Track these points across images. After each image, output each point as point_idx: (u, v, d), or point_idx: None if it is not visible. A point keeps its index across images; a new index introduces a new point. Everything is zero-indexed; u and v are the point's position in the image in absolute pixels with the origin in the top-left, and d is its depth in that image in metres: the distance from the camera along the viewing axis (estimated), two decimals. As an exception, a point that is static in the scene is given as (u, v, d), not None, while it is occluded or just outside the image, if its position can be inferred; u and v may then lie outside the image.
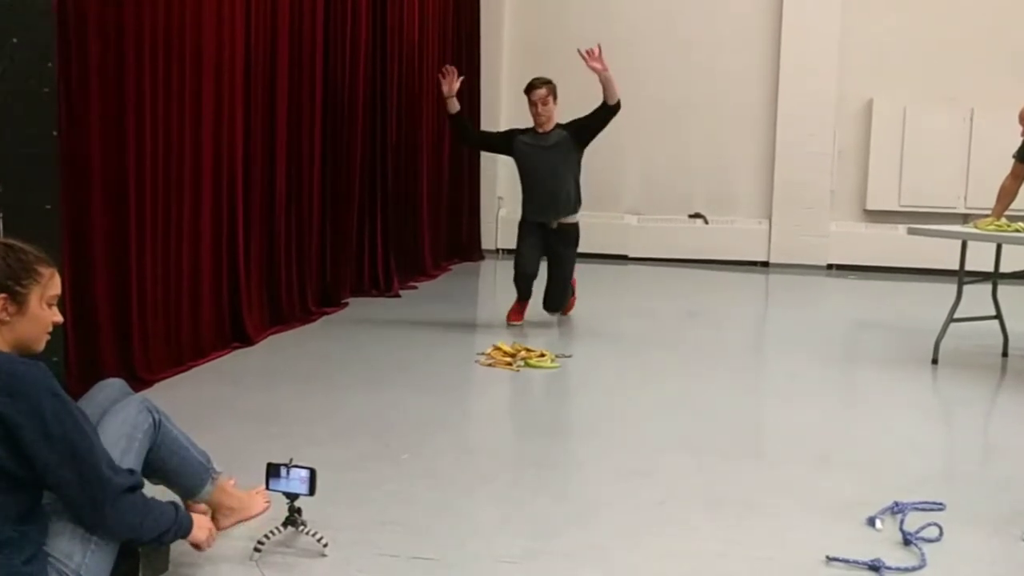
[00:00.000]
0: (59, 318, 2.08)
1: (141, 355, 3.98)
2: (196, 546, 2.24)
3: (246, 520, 2.60)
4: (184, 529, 2.16)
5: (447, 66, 5.50)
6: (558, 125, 5.29)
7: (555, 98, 5.26)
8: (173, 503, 2.17)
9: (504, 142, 5.49)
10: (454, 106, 5.41)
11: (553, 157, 5.25)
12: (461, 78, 5.47)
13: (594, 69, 5.06)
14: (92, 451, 1.95)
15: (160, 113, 4.12)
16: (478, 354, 4.66)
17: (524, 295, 5.45)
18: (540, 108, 5.23)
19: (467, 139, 5.83)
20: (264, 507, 2.66)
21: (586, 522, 2.69)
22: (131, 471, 2.09)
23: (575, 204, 5.37)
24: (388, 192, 6.66)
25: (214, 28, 4.53)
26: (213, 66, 4.54)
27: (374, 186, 6.52)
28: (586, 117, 5.23)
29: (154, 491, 2.34)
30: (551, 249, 5.42)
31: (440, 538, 2.54)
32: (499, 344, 4.72)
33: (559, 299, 5.42)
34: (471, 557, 2.44)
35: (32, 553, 1.92)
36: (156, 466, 2.34)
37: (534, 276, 5.39)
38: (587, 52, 5.07)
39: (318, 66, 5.63)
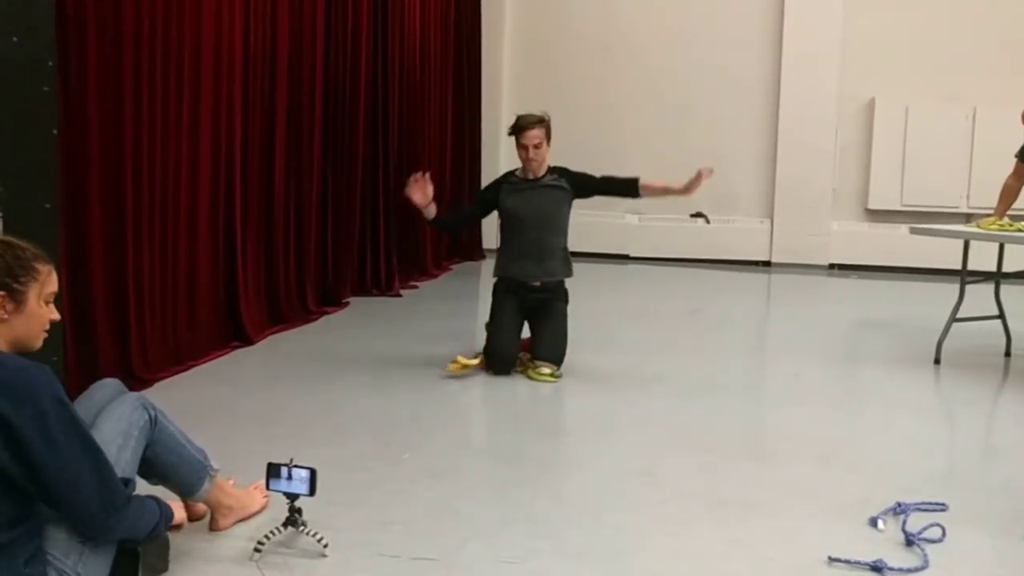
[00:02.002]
0: (56, 316, 2.05)
1: (140, 355, 3.98)
2: (178, 526, 2.27)
3: (246, 519, 2.59)
4: (168, 518, 2.16)
5: (416, 176, 4.44)
6: (553, 169, 4.47)
7: (549, 139, 4.42)
8: (152, 496, 2.15)
9: (492, 197, 4.56)
10: (431, 212, 4.45)
11: (544, 202, 4.40)
12: (429, 181, 4.45)
13: (688, 192, 4.37)
14: (101, 461, 1.93)
15: (158, 111, 4.12)
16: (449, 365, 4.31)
17: (499, 372, 4.37)
18: (532, 153, 4.35)
19: (457, 229, 4.84)
20: (263, 503, 2.65)
21: (587, 522, 2.68)
22: (125, 480, 2.07)
23: (564, 264, 4.48)
24: (389, 191, 6.66)
25: (213, 26, 4.52)
26: (212, 64, 4.53)
27: (375, 185, 6.51)
28: (597, 181, 4.47)
29: (149, 491, 2.33)
30: (534, 308, 4.46)
31: (440, 538, 2.53)
32: (460, 359, 4.29)
33: (558, 344, 4.37)
34: (472, 557, 2.43)
35: (32, 554, 1.91)
36: (153, 463, 2.32)
37: (513, 360, 4.38)
38: (704, 174, 4.36)
39: (318, 63, 5.63)
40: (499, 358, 4.32)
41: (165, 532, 2.18)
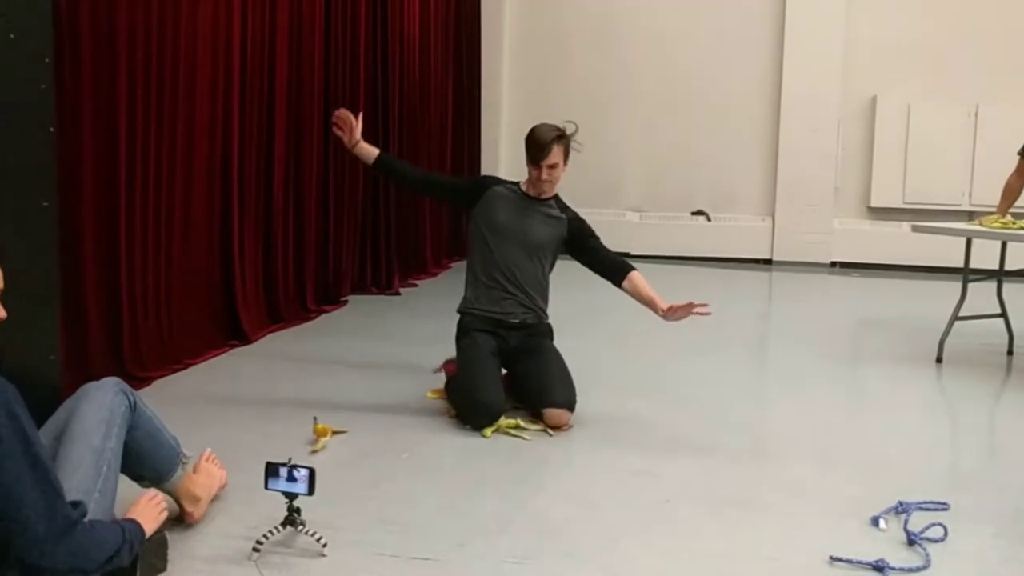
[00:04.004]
0: (3, 314, 1.94)
1: (133, 353, 3.96)
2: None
3: (214, 498, 2.60)
4: (137, 541, 2.03)
5: (338, 112, 3.82)
6: (560, 200, 3.85)
7: (568, 156, 3.72)
8: (117, 521, 2.05)
9: (468, 189, 3.91)
10: (368, 152, 3.79)
11: (537, 228, 3.75)
12: (359, 116, 3.80)
13: (668, 316, 3.62)
14: (48, 482, 1.81)
15: (153, 107, 4.09)
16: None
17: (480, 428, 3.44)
18: (546, 174, 3.67)
19: (406, 181, 4.07)
20: (222, 475, 2.65)
21: (588, 522, 2.67)
22: (75, 503, 1.92)
23: (542, 308, 3.83)
24: (389, 188, 6.65)
25: (210, 23, 4.50)
26: (209, 58, 4.51)
27: (376, 183, 6.50)
28: (592, 246, 3.86)
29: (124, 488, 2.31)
30: (517, 351, 3.73)
31: (440, 538, 2.52)
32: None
33: (569, 384, 3.59)
34: (472, 557, 2.42)
35: None
36: (131, 448, 2.28)
37: (501, 413, 3.48)
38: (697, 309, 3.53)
39: (317, 58, 5.61)
40: (485, 412, 3.43)
41: (125, 562, 2.01)
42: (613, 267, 3.81)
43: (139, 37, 3.97)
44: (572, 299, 4.62)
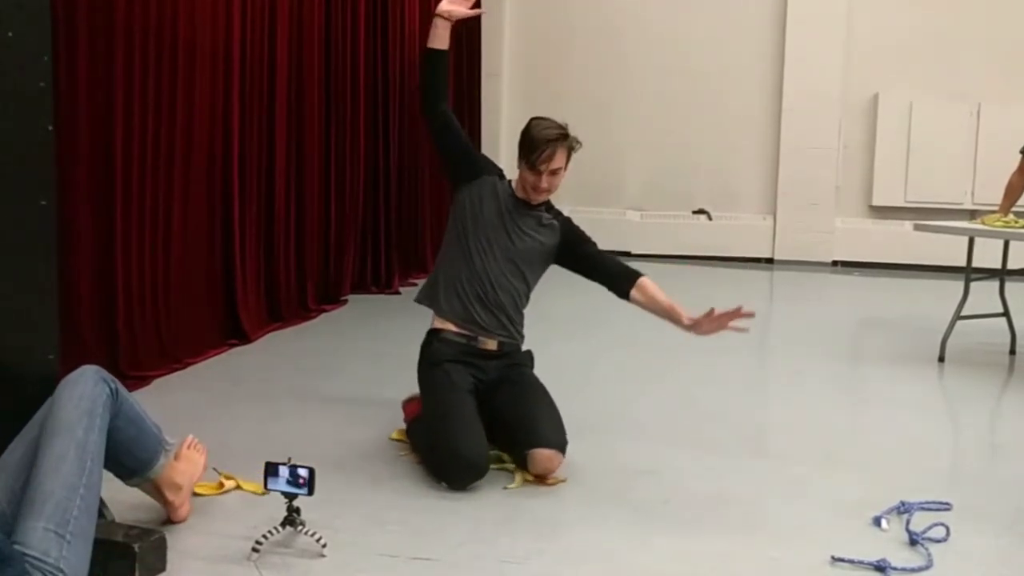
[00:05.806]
0: None
1: (134, 353, 3.95)
2: None
3: (196, 484, 2.59)
4: None
5: None
6: (551, 207, 3.33)
7: (569, 159, 3.20)
8: None
9: (472, 163, 3.30)
10: (441, 37, 3.26)
11: (527, 240, 3.22)
12: (481, 12, 3.40)
13: (697, 329, 3.35)
14: None
15: (150, 105, 4.08)
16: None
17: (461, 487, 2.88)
18: (545, 181, 3.15)
19: (431, 96, 3.24)
20: (202, 460, 2.62)
21: (589, 522, 2.66)
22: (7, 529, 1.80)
23: (518, 327, 3.27)
24: (390, 187, 6.65)
25: (209, 19, 4.49)
26: (208, 57, 4.49)
27: (376, 181, 6.50)
28: (591, 255, 3.31)
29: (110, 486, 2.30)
30: (494, 384, 3.19)
31: (440, 538, 2.51)
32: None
33: (558, 422, 3.05)
34: (472, 557, 2.41)
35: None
36: (113, 437, 2.21)
37: (486, 465, 2.92)
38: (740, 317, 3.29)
39: (317, 60, 5.60)
40: (468, 466, 2.87)
41: None
42: (618, 275, 3.28)
43: (137, 35, 3.95)
44: (571, 299, 4.61)
